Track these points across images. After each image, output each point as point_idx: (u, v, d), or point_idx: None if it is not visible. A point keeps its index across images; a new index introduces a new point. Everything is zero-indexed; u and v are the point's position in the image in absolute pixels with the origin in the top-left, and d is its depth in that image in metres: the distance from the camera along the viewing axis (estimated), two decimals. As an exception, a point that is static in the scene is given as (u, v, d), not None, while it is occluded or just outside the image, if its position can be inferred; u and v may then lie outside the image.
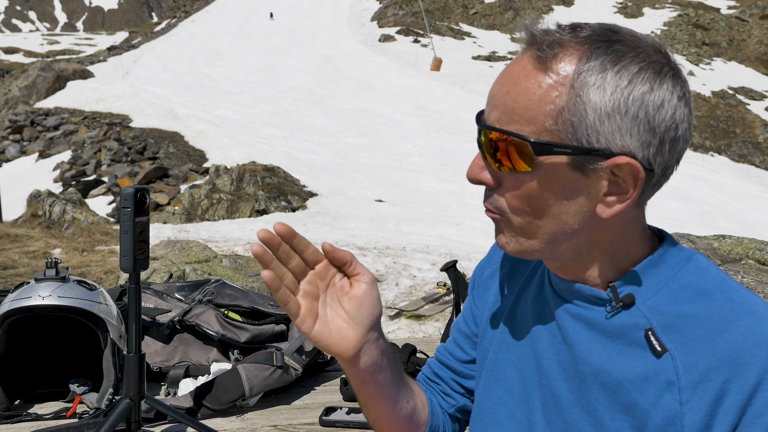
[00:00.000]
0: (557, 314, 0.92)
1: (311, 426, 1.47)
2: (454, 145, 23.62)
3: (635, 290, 0.85)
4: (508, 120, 0.81)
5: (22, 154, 26.52)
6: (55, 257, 1.48)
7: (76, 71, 39.18)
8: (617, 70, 0.77)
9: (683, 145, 0.83)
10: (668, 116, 0.79)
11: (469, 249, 10.11)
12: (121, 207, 1.24)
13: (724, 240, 5.58)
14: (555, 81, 0.78)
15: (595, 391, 0.86)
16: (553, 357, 0.91)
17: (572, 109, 0.78)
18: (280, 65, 40.68)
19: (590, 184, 0.81)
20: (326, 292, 0.90)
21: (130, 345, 1.30)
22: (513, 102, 0.81)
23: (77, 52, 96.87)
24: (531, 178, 0.82)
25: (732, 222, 18.09)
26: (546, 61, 0.79)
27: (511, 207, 0.85)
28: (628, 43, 0.79)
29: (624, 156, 0.78)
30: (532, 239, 0.86)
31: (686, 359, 0.79)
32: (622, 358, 0.84)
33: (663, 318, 0.82)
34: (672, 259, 0.86)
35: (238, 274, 7.24)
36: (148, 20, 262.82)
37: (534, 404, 0.93)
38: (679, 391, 0.79)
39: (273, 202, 15.02)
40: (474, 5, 62.94)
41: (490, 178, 0.86)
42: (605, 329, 0.86)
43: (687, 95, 0.81)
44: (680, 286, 0.84)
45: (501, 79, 0.84)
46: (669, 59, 0.81)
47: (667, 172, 0.84)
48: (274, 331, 1.72)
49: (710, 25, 55.41)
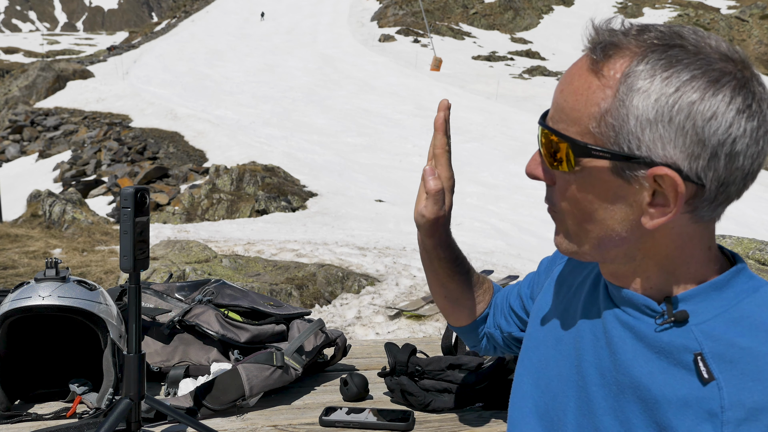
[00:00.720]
0: (606, 318, 0.89)
1: (311, 426, 1.47)
2: (454, 145, 23.58)
3: (692, 310, 0.81)
4: (558, 119, 0.82)
5: (22, 154, 26.52)
6: (55, 257, 1.48)
7: (76, 71, 39.18)
8: (666, 76, 0.74)
9: (750, 162, 0.76)
10: (722, 129, 0.73)
11: (469, 249, 10.11)
12: (121, 207, 1.24)
13: (724, 240, 5.58)
14: (602, 83, 0.77)
15: (632, 404, 0.83)
16: (593, 360, 0.89)
17: (615, 113, 0.76)
18: (280, 65, 40.68)
19: (633, 192, 0.78)
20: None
21: (130, 345, 1.30)
22: (563, 101, 0.81)
23: (77, 52, 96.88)
24: (573, 179, 0.82)
25: (732, 222, 18.08)
26: (599, 63, 0.78)
27: (563, 209, 0.86)
28: (689, 48, 0.75)
29: (664, 167, 0.75)
30: (582, 242, 0.86)
31: (734, 393, 0.74)
32: (665, 377, 0.80)
33: (716, 345, 0.77)
34: (739, 286, 0.81)
35: (238, 274, 7.24)
36: (148, 20, 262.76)
37: (568, 404, 0.92)
38: (722, 425, 0.74)
39: (273, 202, 15.03)
40: (474, 5, 62.92)
41: (543, 174, 0.87)
42: (652, 343, 0.82)
43: (753, 108, 0.74)
44: (742, 316, 0.79)
45: (561, 78, 0.85)
46: (738, 69, 0.75)
47: (730, 189, 0.77)
48: (274, 331, 1.72)
49: (710, 25, 55.40)
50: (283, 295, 6.54)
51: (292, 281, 6.97)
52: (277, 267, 7.68)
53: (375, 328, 5.97)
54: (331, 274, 7.33)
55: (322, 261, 8.31)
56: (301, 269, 7.41)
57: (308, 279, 7.13)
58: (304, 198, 15.65)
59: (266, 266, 7.72)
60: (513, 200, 15.07)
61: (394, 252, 9.28)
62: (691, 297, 0.81)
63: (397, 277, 7.73)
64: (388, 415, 1.48)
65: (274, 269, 7.58)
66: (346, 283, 7.28)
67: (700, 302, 0.81)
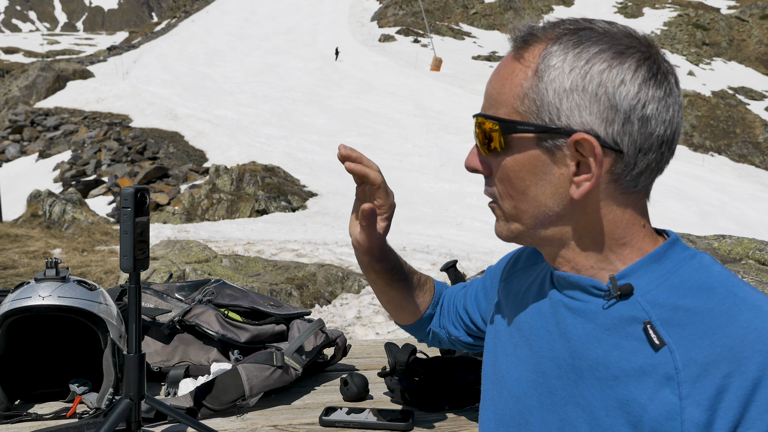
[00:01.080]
0: (556, 310, 0.92)
1: (311, 426, 1.47)
2: (454, 145, 23.62)
3: (635, 283, 0.84)
4: (488, 106, 0.89)
5: (22, 154, 26.53)
6: (55, 257, 1.47)
7: (76, 71, 39.19)
8: (577, 52, 0.81)
9: (664, 129, 0.82)
10: (631, 94, 0.79)
11: (469, 249, 10.11)
12: (121, 207, 1.24)
13: (724, 240, 5.58)
14: (523, 65, 0.85)
15: (591, 387, 0.85)
16: (548, 354, 0.91)
17: (535, 89, 0.83)
18: (280, 65, 40.69)
19: (559, 163, 0.84)
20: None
21: (130, 345, 1.30)
22: (492, 89, 0.89)
23: (77, 52, 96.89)
24: (504, 157, 0.87)
25: (732, 222, 18.10)
26: (521, 50, 0.86)
27: (499, 192, 0.90)
28: (596, 30, 0.84)
29: (582, 133, 0.80)
30: (519, 223, 0.90)
31: (685, 353, 0.78)
32: (619, 351, 0.83)
33: (662, 312, 0.81)
34: (675, 256, 0.86)
35: (238, 274, 7.24)
36: (148, 20, 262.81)
37: (531, 403, 0.93)
38: (679, 386, 0.77)
39: (273, 202, 15.03)
40: (474, 5, 62.95)
41: (480, 164, 0.92)
42: (603, 321, 0.85)
43: (659, 78, 0.81)
44: (682, 281, 0.83)
45: (491, 74, 0.92)
46: (642, 45, 0.82)
47: (649, 157, 0.82)
48: (274, 331, 1.72)
49: (710, 25, 55.42)
50: (283, 295, 6.54)
51: (292, 281, 6.98)
52: (277, 267, 7.68)
53: (375, 328, 5.97)
54: (331, 274, 7.34)
55: (322, 261, 8.31)
56: (301, 269, 7.41)
57: (308, 279, 7.13)
58: (304, 198, 15.66)
59: (266, 266, 7.72)
60: (513, 200, 15.02)
61: (394, 252, 9.27)
62: (633, 271, 0.85)
63: (397, 277, 7.72)
64: (388, 415, 1.48)
65: (274, 269, 7.58)
66: (346, 283, 7.28)
67: (642, 275, 0.85)
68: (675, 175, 23.27)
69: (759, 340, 0.75)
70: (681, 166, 26.44)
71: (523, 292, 1.03)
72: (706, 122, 39.99)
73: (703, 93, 43.32)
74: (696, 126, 39.42)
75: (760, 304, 0.79)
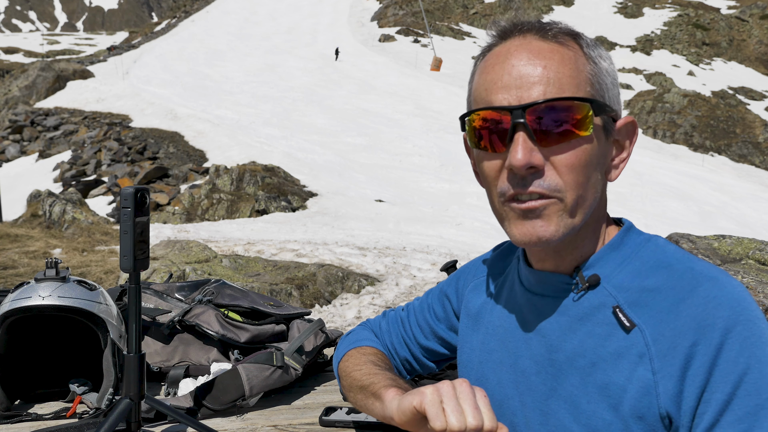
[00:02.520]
0: (528, 309, 0.93)
1: (311, 426, 1.47)
2: (454, 145, 23.62)
3: (600, 271, 0.87)
4: (557, 90, 0.81)
5: (22, 154, 26.53)
6: (55, 257, 1.47)
7: (76, 71, 39.19)
8: (594, 45, 0.88)
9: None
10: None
11: (469, 249, 10.11)
12: (121, 207, 1.24)
13: (724, 240, 5.58)
14: (575, 53, 0.85)
15: (570, 377, 0.86)
16: (525, 353, 0.92)
17: (597, 75, 0.85)
18: (280, 65, 40.69)
19: (609, 147, 0.88)
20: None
21: (130, 345, 1.30)
22: (556, 72, 0.82)
23: (77, 52, 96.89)
24: (589, 141, 0.83)
25: (732, 222, 18.10)
26: (555, 38, 0.85)
27: (566, 183, 0.82)
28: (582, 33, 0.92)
29: (629, 116, 0.87)
30: (577, 216, 0.85)
31: (654, 330, 0.80)
32: (594, 339, 0.85)
33: (629, 294, 0.84)
34: (632, 241, 0.89)
35: (238, 274, 7.24)
36: (148, 20, 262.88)
37: (513, 405, 0.94)
38: (651, 361, 0.80)
39: (273, 202, 15.03)
40: (474, 5, 62.95)
41: (542, 159, 0.82)
42: (575, 313, 0.87)
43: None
44: (642, 263, 0.86)
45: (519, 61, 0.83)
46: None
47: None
48: (274, 331, 1.72)
49: (710, 25, 55.41)
50: (283, 295, 6.54)
51: (292, 281, 6.98)
52: (277, 267, 7.68)
53: (375, 328, 5.96)
54: (331, 274, 7.34)
55: (322, 261, 8.31)
56: (301, 269, 7.41)
57: (308, 279, 7.13)
58: (304, 198, 15.65)
59: (266, 266, 7.72)
60: (513, 200, 15.01)
61: (394, 252, 9.28)
62: (596, 261, 0.88)
63: (397, 277, 7.73)
64: (388, 415, 1.48)
65: (274, 269, 7.58)
66: (346, 283, 7.28)
67: (605, 264, 0.88)
68: (675, 175, 23.27)
69: (720, 307, 0.78)
70: (681, 166, 26.46)
71: (494, 298, 1.03)
72: (706, 122, 39.98)
73: (703, 93, 43.31)
74: (696, 126, 39.41)
75: (715, 275, 0.82)
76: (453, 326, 1.14)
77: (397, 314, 1.24)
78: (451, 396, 0.83)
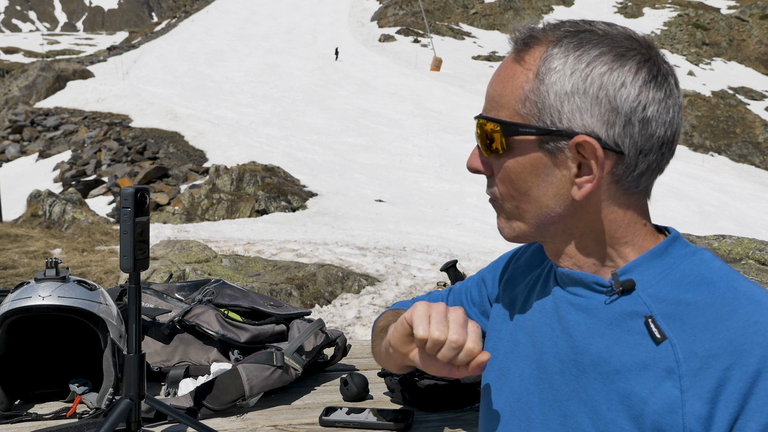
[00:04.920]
0: (559, 306, 0.93)
1: (311, 426, 1.47)
2: (454, 145, 23.63)
3: (637, 278, 0.85)
4: (489, 108, 0.89)
5: (22, 154, 26.53)
6: (55, 257, 1.47)
7: (76, 71, 39.19)
8: (578, 54, 0.82)
9: (664, 130, 0.82)
10: (632, 96, 0.80)
11: (469, 249, 10.11)
12: (121, 207, 1.24)
13: (724, 240, 5.59)
14: (524, 68, 0.85)
15: (593, 381, 0.85)
16: (551, 350, 0.92)
17: (536, 91, 0.83)
18: (280, 65, 40.69)
19: (561, 165, 0.84)
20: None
21: (130, 345, 1.30)
22: (493, 91, 0.89)
23: (77, 52, 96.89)
24: (506, 158, 0.87)
25: (732, 222, 18.10)
26: (521, 52, 0.86)
27: (501, 192, 0.90)
28: (597, 32, 0.84)
29: (583, 135, 0.81)
30: (521, 223, 0.90)
31: (686, 347, 0.78)
32: (621, 346, 0.83)
33: (664, 306, 0.82)
34: (676, 252, 0.86)
35: (238, 274, 7.24)
36: (148, 20, 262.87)
37: (533, 400, 0.94)
38: (680, 379, 0.78)
39: (273, 202, 15.03)
40: (474, 5, 62.95)
41: (482, 165, 0.92)
42: (605, 316, 0.86)
43: (659, 79, 0.82)
44: (683, 276, 0.84)
45: (492, 75, 0.92)
46: (642, 47, 0.83)
47: (650, 158, 0.83)
48: (274, 331, 1.72)
49: (710, 25, 55.42)
50: (283, 295, 6.54)
51: (292, 281, 6.98)
52: (277, 267, 7.68)
53: (375, 328, 5.96)
54: (331, 274, 7.34)
55: (322, 261, 8.31)
56: (301, 269, 7.41)
57: (308, 279, 7.13)
58: (304, 198, 15.65)
59: (266, 266, 7.72)
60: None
61: (394, 252, 9.29)
62: (635, 267, 0.86)
63: (397, 277, 7.73)
64: (388, 415, 1.48)
65: (274, 269, 7.58)
66: (346, 283, 7.28)
67: (644, 270, 0.86)
68: (675, 175, 23.26)
69: (759, 333, 0.76)
70: (681, 166, 26.43)
71: (528, 290, 1.03)
72: (706, 122, 39.99)
73: (703, 93, 43.32)
74: (696, 126, 39.42)
75: (760, 298, 0.80)
76: (486, 312, 1.16)
77: (440, 293, 1.28)
78: (441, 312, 0.89)
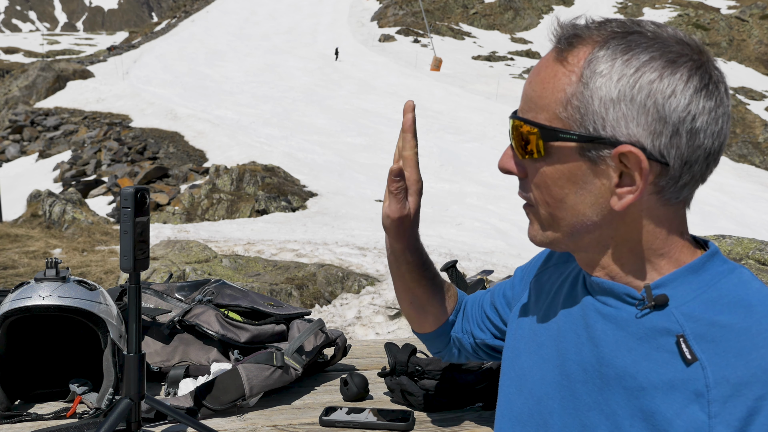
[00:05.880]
0: (587, 313, 0.90)
1: (311, 426, 1.47)
2: (454, 145, 23.63)
3: (671, 294, 0.81)
4: (527, 109, 0.85)
5: (22, 154, 26.52)
6: (55, 257, 1.47)
7: (76, 71, 39.18)
8: (627, 59, 0.77)
9: (711, 141, 0.78)
10: (681, 106, 0.76)
11: (469, 249, 10.10)
12: (121, 207, 1.24)
13: (724, 240, 5.58)
14: (567, 70, 0.80)
15: (616, 395, 0.83)
16: (575, 358, 0.89)
17: (579, 96, 0.79)
18: (280, 65, 40.68)
19: (601, 174, 0.80)
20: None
21: (130, 345, 1.30)
22: (532, 91, 0.84)
23: (77, 52, 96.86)
24: (544, 164, 0.83)
25: (732, 222, 18.08)
26: (564, 52, 0.82)
27: (535, 198, 0.87)
28: (647, 34, 0.79)
29: (628, 145, 0.77)
30: (555, 231, 0.87)
31: (718, 371, 0.75)
32: (649, 362, 0.80)
33: (697, 326, 0.78)
34: (714, 269, 0.83)
35: (238, 274, 7.24)
36: (148, 20, 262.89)
37: (553, 405, 0.92)
38: (709, 404, 0.75)
39: (273, 202, 15.02)
40: (474, 5, 62.94)
41: (515, 167, 0.88)
42: (634, 330, 0.83)
43: (710, 88, 0.77)
44: (720, 295, 0.80)
45: (530, 72, 0.87)
46: (694, 52, 0.79)
47: (694, 169, 0.79)
48: (274, 331, 1.72)
49: (710, 25, 55.40)
50: (283, 295, 6.54)
51: (292, 281, 6.97)
52: (277, 267, 7.68)
53: (375, 328, 5.97)
54: (331, 274, 7.33)
55: (322, 261, 8.30)
56: (301, 269, 7.41)
57: (308, 279, 7.13)
58: (304, 198, 15.65)
59: (266, 266, 7.72)
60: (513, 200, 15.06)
61: (394, 252, 9.26)
62: (670, 281, 0.82)
63: (397, 277, 7.71)
64: (388, 415, 1.48)
65: (274, 269, 7.58)
66: (346, 283, 7.28)
67: (679, 286, 0.82)
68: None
69: None
70: (681, 166, 26.32)
71: (554, 291, 1.01)
72: (706, 122, 39.96)
73: (703, 93, 43.27)
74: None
75: None
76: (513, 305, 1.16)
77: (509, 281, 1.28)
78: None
